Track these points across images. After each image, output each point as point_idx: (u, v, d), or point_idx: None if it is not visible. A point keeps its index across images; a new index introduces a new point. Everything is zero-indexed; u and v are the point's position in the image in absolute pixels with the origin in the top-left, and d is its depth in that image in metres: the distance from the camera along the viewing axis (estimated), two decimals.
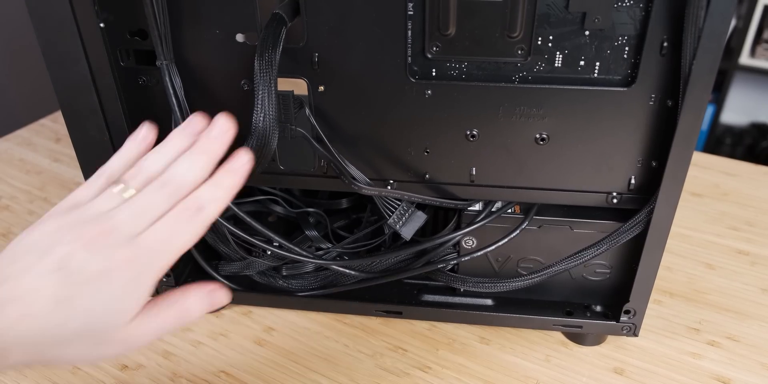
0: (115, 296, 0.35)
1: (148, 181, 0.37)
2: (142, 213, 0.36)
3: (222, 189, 0.37)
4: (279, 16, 0.40)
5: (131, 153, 0.39)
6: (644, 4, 0.39)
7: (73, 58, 0.44)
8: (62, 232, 0.35)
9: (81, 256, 0.34)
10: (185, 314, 0.38)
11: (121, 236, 0.35)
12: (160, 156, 0.38)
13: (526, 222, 0.50)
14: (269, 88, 0.40)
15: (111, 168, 0.39)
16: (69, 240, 0.35)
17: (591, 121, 0.43)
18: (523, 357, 0.55)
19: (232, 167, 0.38)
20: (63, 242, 0.35)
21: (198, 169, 0.37)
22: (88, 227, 0.35)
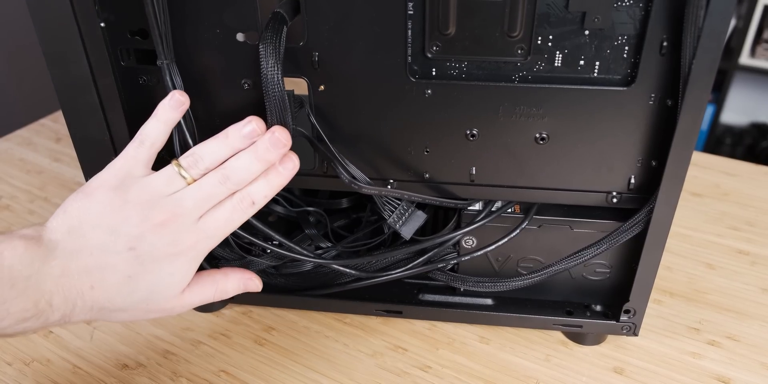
0: (175, 274, 0.41)
1: (206, 170, 0.41)
2: (205, 202, 0.41)
3: (272, 187, 0.42)
4: (279, 15, 0.40)
5: (169, 118, 0.42)
6: (644, 4, 0.39)
7: (74, 58, 0.44)
8: (130, 211, 0.39)
9: (152, 239, 0.39)
10: (222, 293, 0.44)
11: (188, 222, 0.40)
12: (217, 150, 0.41)
13: (526, 222, 0.50)
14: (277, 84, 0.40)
15: (151, 136, 0.41)
16: (139, 221, 0.39)
17: (591, 121, 0.43)
18: (523, 357, 0.55)
19: (283, 169, 0.42)
20: (133, 221, 0.39)
21: (255, 172, 0.41)
22: (157, 210, 0.40)
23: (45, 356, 0.55)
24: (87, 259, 0.39)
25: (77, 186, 0.78)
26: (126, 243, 0.39)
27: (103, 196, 0.40)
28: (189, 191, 0.40)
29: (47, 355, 0.55)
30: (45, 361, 0.54)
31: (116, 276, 0.39)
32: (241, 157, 0.41)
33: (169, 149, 0.48)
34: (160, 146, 0.42)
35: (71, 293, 0.38)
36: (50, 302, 0.37)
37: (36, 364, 0.54)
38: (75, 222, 0.39)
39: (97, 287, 0.39)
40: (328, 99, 0.45)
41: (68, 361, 0.54)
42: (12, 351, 0.55)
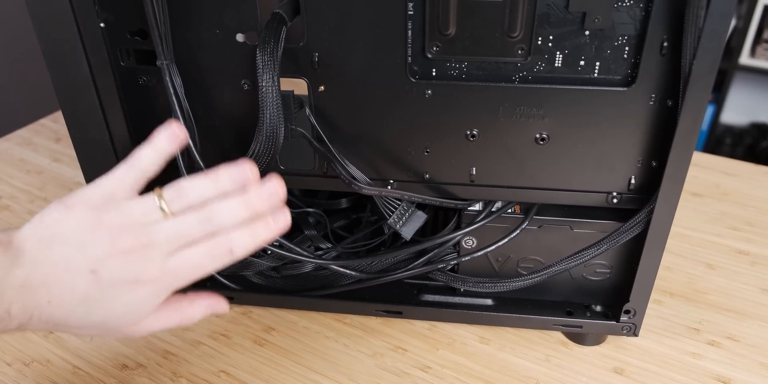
0: (134, 304, 0.39)
1: (187, 207, 0.39)
2: (179, 238, 0.39)
3: (256, 240, 0.40)
4: (279, 16, 0.40)
5: (164, 150, 0.40)
6: (644, 4, 0.39)
7: (74, 58, 0.44)
8: (101, 233, 0.38)
9: (114, 265, 0.38)
10: (188, 320, 0.43)
11: (156, 255, 0.38)
12: (204, 188, 0.40)
13: (526, 222, 0.50)
14: (273, 84, 0.40)
15: (144, 162, 0.40)
16: (107, 244, 0.38)
17: (591, 121, 0.43)
18: (523, 357, 0.55)
19: (274, 224, 0.40)
20: (101, 244, 0.38)
21: (240, 219, 0.39)
22: (126, 237, 0.38)
23: (45, 356, 0.55)
24: (49, 273, 0.37)
25: (77, 186, 0.78)
26: (89, 264, 0.38)
27: (81, 213, 0.38)
28: (165, 224, 0.39)
29: (47, 355, 0.55)
30: (45, 361, 0.54)
31: (73, 295, 0.38)
32: (229, 201, 0.39)
33: None
34: (151, 174, 0.40)
35: (29, 304, 0.37)
36: (9, 311, 0.37)
37: (36, 364, 0.54)
38: (47, 233, 0.38)
39: (54, 303, 0.38)
40: (328, 99, 0.45)
41: (68, 361, 0.54)
42: (12, 351, 0.55)
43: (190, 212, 0.39)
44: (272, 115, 0.41)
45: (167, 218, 0.39)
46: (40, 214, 0.39)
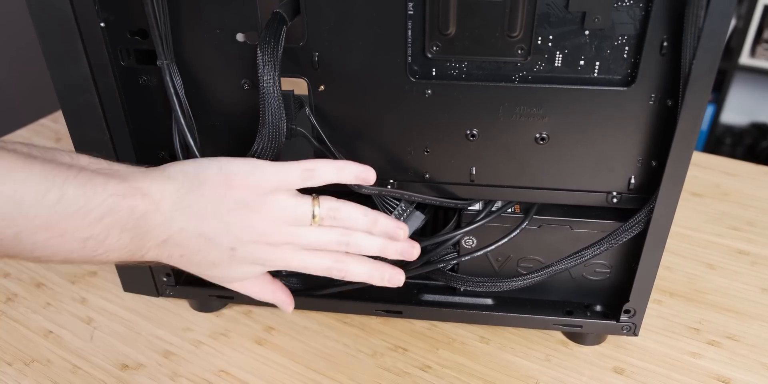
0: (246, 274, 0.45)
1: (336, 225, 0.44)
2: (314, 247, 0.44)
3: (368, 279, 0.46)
4: (279, 16, 0.40)
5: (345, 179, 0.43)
6: (644, 4, 0.39)
7: (74, 58, 0.44)
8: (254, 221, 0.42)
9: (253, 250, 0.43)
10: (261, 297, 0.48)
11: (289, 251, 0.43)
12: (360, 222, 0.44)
13: (526, 222, 0.50)
14: (274, 83, 0.40)
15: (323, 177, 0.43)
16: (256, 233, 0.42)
17: (591, 121, 0.43)
18: (523, 357, 0.55)
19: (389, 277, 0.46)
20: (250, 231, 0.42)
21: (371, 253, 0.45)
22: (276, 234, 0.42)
23: (45, 356, 0.55)
24: (193, 238, 0.41)
25: None
26: (231, 242, 0.42)
27: (242, 194, 0.41)
28: (311, 233, 0.43)
29: (47, 355, 0.55)
30: (45, 361, 0.54)
31: (206, 259, 0.42)
32: (371, 239, 0.44)
33: (169, 149, 0.49)
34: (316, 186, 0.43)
35: (163, 254, 0.42)
36: (143, 256, 0.41)
37: (36, 364, 0.54)
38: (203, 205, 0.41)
39: (185, 258, 0.42)
40: (328, 99, 0.45)
41: (68, 361, 0.54)
42: (12, 351, 0.55)
43: (336, 231, 0.44)
44: (274, 114, 0.41)
45: (314, 226, 0.43)
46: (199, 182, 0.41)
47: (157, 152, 0.49)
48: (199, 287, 0.56)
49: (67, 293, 0.61)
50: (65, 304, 0.60)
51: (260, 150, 0.43)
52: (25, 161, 0.36)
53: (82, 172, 0.38)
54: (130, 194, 0.39)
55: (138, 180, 0.40)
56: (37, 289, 0.62)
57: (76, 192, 0.37)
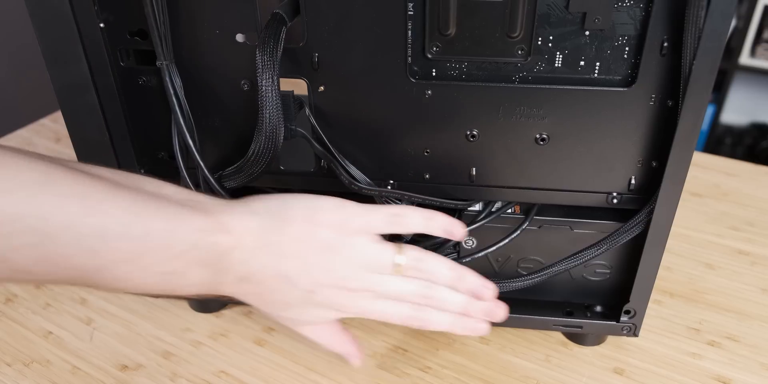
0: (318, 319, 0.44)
1: (420, 277, 0.43)
2: (392, 294, 0.42)
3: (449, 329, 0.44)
4: (279, 16, 0.40)
5: (433, 230, 0.43)
6: (644, 4, 0.39)
7: (73, 58, 0.44)
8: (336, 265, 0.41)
9: (330, 295, 0.41)
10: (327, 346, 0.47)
11: (367, 298, 0.42)
12: (445, 275, 0.43)
13: (526, 223, 0.50)
14: (272, 84, 0.40)
15: (410, 226, 0.42)
16: (335, 278, 0.41)
17: (591, 122, 0.43)
18: (523, 357, 0.55)
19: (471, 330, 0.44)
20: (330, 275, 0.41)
21: (451, 311, 0.43)
22: (357, 281, 0.41)
23: (45, 357, 0.55)
24: (271, 277, 0.40)
25: None
26: (310, 285, 0.41)
27: (326, 235, 0.41)
28: (393, 282, 0.42)
29: (47, 355, 0.55)
30: (44, 361, 0.54)
31: (280, 298, 0.41)
32: (455, 298, 0.43)
33: (169, 150, 0.48)
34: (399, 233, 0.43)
35: (239, 291, 0.41)
36: (219, 290, 0.40)
37: (36, 364, 0.54)
38: (284, 244, 0.40)
39: (260, 296, 0.42)
40: (328, 100, 0.45)
41: (68, 361, 0.54)
42: (12, 351, 0.55)
43: (418, 283, 0.42)
44: (272, 115, 0.41)
45: (396, 275, 0.42)
46: (283, 220, 0.40)
47: (156, 153, 0.49)
48: None
49: (67, 294, 0.61)
50: (65, 304, 0.60)
51: (257, 151, 0.43)
52: (113, 191, 0.35)
53: (168, 204, 0.37)
54: (214, 230, 0.38)
55: (222, 215, 0.39)
56: (37, 289, 0.62)
57: (161, 226, 0.36)
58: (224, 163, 0.47)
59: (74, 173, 0.34)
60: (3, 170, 0.31)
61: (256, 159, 0.44)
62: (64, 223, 0.33)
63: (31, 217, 0.32)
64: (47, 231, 0.33)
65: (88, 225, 0.34)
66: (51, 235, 0.33)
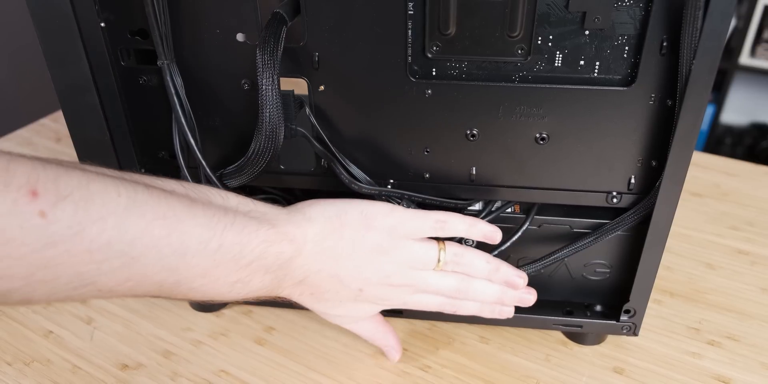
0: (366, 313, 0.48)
1: (458, 271, 0.46)
2: (433, 289, 0.46)
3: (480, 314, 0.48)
4: (279, 16, 0.40)
5: (474, 235, 0.46)
6: (644, 4, 0.39)
7: (74, 58, 0.44)
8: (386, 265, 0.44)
9: (378, 292, 0.45)
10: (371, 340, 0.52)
11: (409, 292, 0.46)
12: (481, 268, 0.46)
13: (527, 223, 0.50)
14: (272, 84, 0.40)
15: (453, 230, 0.45)
16: (383, 276, 0.44)
17: (591, 121, 0.43)
18: (523, 356, 0.55)
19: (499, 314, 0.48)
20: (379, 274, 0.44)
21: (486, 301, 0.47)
22: (402, 278, 0.45)
23: (45, 356, 0.55)
24: (326, 279, 0.43)
25: None
26: (361, 284, 0.44)
27: (378, 237, 0.43)
28: (433, 278, 0.45)
29: (47, 355, 0.55)
30: (45, 361, 0.54)
31: (333, 298, 0.45)
32: (490, 286, 0.46)
33: (169, 149, 0.49)
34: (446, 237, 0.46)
35: (295, 292, 0.44)
36: (279, 294, 0.44)
37: (36, 364, 0.54)
38: (341, 247, 0.43)
39: (314, 297, 0.45)
40: (328, 99, 0.45)
41: (68, 361, 0.54)
42: (12, 351, 0.55)
43: (456, 277, 0.46)
44: (272, 114, 0.41)
45: (436, 270, 0.45)
46: (340, 225, 0.43)
47: (157, 152, 0.49)
48: None
49: None
50: (65, 304, 0.60)
51: (257, 150, 0.43)
52: (190, 208, 0.36)
53: (237, 217, 0.39)
54: (278, 240, 0.41)
55: (284, 225, 0.41)
56: None
57: (233, 239, 0.38)
58: (225, 162, 0.47)
59: (154, 193, 0.35)
60: (94, 197, 0.32)
61: (256, 158, 0.44)
62: (148, 245, 0.34)
63: (120, 242, 0.33)
64: (133, 254, 0.34)
65: (170, 245, 0.35)
66: (136, 257, 0.34)
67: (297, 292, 0.44)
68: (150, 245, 0.34)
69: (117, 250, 0.33)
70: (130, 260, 0.34)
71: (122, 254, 0.33)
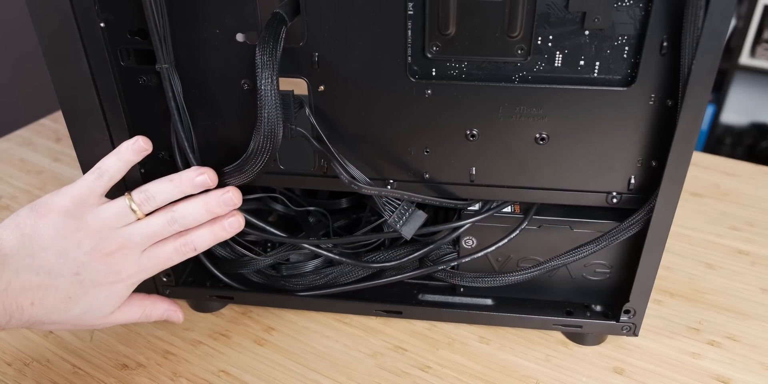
0: (111, 297, 0.44)
1: (155, 208, 0.44)
2: (151, 238, 0.44)
3: (215, 239, 0.46)
4: (279, 16, 0.40)
5: (130, 159, 0.44)
6: (644, 4, 0.39)
7: (74, 58, 0.44)
8: (83, 239, 0.42)
9: (98, 266, 0.42)
10: (146, 318, 0.49)
11: (132, 254, 0.43)
12: (169, 191, 0.44)
13: (525, 222, 0.50)
14: (272, 84, 0.40)
15: (111, 170, 0.44)
16: (89, 248, 0.42)
17: (591, 121, 0.43)
18: (523, 357, 0.55)
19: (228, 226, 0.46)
20: (83, 249, 0.42)
21: (202, 220, 0.45)
22: (108, 242, 0.42)
23: (45, 356, 0.55)
24: (32, 277, 0.40)
25: None
26: (73, 268, 0.41)
27: (57, 219, 0.41)
28: (139, 227, 0.43)
29: (47, 355, 0.55)
30: (45, 361, 0.54)
31: (57, 296, 0.42)
32: (191, 204, 0.45)
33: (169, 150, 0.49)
34: (116, 180, 0.44)
35: (10, 307, 0.40)
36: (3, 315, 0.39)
37: (36, 364, 0.54)
38: (26, 241, 0.41)
39: (37, 304, 0.41)
40: (328, 99, 0.45)
41: (68, 361, 0.54)
42: (12, 351, 0.55)
43: (159, 214, 0.44)
44: (270, 114, 0.41)
45: (139, 220, 0.43)
46: (13, 220, 0.42)
47: (157, 152, 0.49)
48: (199, 287, 0.56)
49: None
50: None
51: (255, 150, 0.43)
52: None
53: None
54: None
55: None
56: None
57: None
58: (226, 162, 0.47)
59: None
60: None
61: (254, 158, 0.44)
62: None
63: None
64: None
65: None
66: None
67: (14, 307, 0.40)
68: None
69: None
70: None
71: None
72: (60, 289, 0.41)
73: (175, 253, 0.45)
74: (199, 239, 0.46)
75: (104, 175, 0.43)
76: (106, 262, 0.42)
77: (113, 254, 0.43)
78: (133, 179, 0.47)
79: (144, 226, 0.44)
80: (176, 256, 0.45)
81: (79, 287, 0.42)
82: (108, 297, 0.44)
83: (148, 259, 0.44)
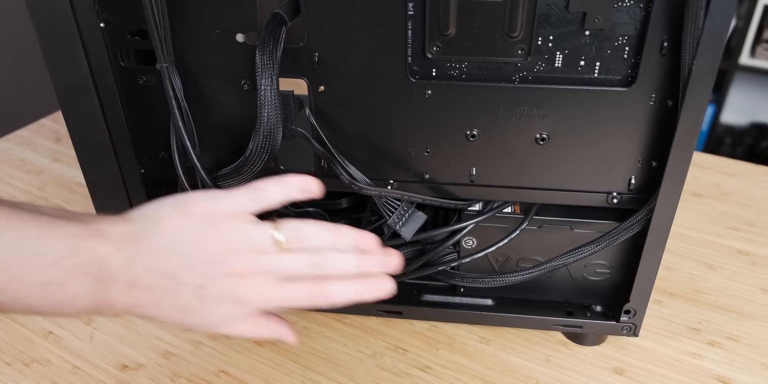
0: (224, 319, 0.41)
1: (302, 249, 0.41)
2: (287, 274, 0.40)
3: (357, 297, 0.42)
4: (279, 16, 0.40)
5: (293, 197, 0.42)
6: (644, 4, 0.39)
7: (74, 58, 0.44)
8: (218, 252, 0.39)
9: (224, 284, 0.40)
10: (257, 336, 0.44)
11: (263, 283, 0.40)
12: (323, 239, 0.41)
13: (525, 222, 0.49)
14: (271, 84, 0.40)
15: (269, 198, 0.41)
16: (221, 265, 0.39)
17: (591, 121, 0.43)
18: (523, 357, 0.55)
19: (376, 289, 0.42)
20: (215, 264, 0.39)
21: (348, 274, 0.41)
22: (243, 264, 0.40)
23: (45, 357, 0.55)
24: (158, 279, 0.39)
25: (77, 186, 0.78)
26: (199, 279, 0.39)
27: (200, 224, 0.40)
28: (279, 258, 0.40)
29: (47, 355, 0.55)
30: (45, 361, 0.54)
31: (175, 303, 0.40)
32: (345, 257, 0.42)
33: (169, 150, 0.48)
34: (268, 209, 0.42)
35: (131, 302, 0.39)
36: (112, 305, 0.39)
37: (36, 364, 0.54)
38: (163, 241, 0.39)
39: (155, 305, 0.40)
40: (328, 99, 0.45)
41: (68, 361, 0.54)
42: (12, 351, 0.55)
43: (304, 253, 0.41)
44: (270, 114, 0.41)
45: (282, 252, 0.40)
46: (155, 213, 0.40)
47: (157, 152, 0.49)
48: None
49: None
50: None
51: (255, 150, 0.43)
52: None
53: (43, 215, 0.37)
54: (88, 235, 0.37)
55: (97, 222, 0.38)
56: None
57: (34, 232, 0.36)
58: (226, 163, 0.47)
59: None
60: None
61: (253, 159, 0.44)
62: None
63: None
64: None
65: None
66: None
67: (134, 302, 0.39)
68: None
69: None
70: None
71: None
72: (180, 298, 0.40)
73: (306, 298, 0.41)
74: (339, 293, 0.41)
75: (261, 201, 0.41)
76: (233, 283, 0.40)
77: (243, 278, 0.40)
78: (134, 179, 0.47)
79: (286, 258, 0.41)
80: (306, 301, 0.41)
81: (199, 300, 0.40)
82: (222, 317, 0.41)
83: (275, 293, 0.41)
